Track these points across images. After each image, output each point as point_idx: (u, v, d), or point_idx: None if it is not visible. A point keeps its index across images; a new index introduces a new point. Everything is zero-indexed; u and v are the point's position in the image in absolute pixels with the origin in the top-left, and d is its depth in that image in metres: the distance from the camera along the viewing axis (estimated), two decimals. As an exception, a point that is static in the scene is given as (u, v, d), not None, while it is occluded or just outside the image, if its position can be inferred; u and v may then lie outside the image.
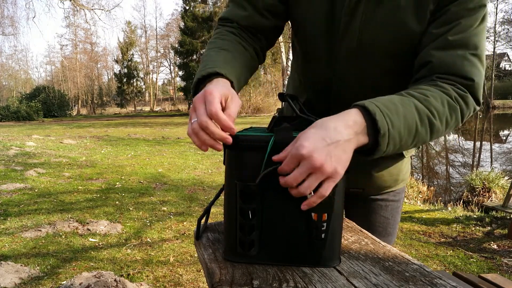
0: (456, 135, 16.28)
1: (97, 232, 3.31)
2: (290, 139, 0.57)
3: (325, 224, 0.59)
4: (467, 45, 0.66)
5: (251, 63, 0.81)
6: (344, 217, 0.90)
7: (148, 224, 3.57)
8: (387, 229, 1.02)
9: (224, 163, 0.63)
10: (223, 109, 0.59)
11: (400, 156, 0.94)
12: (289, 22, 0.90)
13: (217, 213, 3.55)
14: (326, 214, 0.59)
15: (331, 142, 0.53)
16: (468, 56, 0.65)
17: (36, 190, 4.67)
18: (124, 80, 36.28)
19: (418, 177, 7.80)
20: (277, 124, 0.63)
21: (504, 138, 15.00)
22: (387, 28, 0.72)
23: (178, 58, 31.34)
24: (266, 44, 0.87)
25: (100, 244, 3.07)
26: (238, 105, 0.62)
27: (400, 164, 0.95)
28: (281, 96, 0.73)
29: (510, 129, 18.58)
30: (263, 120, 18.78)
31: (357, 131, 0.56)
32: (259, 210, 0.60)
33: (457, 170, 9.03)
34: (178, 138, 11.37)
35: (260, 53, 0.86)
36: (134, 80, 37.06)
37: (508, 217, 4.19)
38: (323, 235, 0.60)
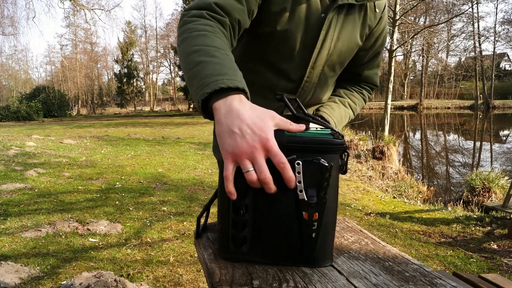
0: (456, 135, 16.28)
1: (97, 232, 3.31)
2: (282, 138, 0.57)
3: (316, 223, 0.59)
4: (378, 66, 1.11)
5: None
6: (344, 217, 0.90)
7: (148, 224, 3.57)
8: None
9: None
10: None
11: None
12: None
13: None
14: (317, 214, 0.59)
15: None
16: (377, 72, 1.12)
17: (36, 190, 4.67)
18: (124, 80, 36.27)
19: (418, 177, 7.80)
20: None
21: (504, 138, 15.00)
22: (348, 41, 0.95)
23: (178, 58, 31.28)
24: (234, 44, 0.85)
25: (100, 244, 3.07)
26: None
27: None
28: (279, 97, 0.72)
29: (510, 129, 18.57)
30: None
31: None
32: (251, 206, 0.60)
33: (457, 170, 9.03)
34: (178, 138, 11.36)
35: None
36: (134, 80, 37.06)
37: (508, 217, 4.19)
38: (313, 235, 0.60)
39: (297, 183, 0.56)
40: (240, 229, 0.61)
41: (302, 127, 0.59)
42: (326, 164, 0.57)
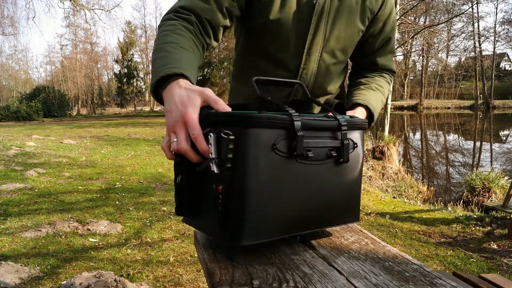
0: (456, 135, 16.28)
1: (97, 232, 3.31)
2: (207, 113, 0.61)
3: (221, 196, 0.59)
4: (392, 52, 1.09)
5: (199, 63, 0.86)
6: None
7: (148, 224, 3.57)
8: None
9: None
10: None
11: None
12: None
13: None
14: (221, 187, 0.59)
15: None
16: (392, 58, 1.11)
17: (36, 190, 4.67)
18: (124, 80, 36.26)
19: (418, 177, 7.80)
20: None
21: (504, 138, 15.00)
22: (346, 26, 0.94)
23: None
24: (211, 42, 0.89)
25: (100, 244, 3.07)
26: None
27: None
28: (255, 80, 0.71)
29: (510, 129, 18.57)
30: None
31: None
32: (185, 176, 0.65)
33: (457, 170, 9.03)
34: (178, 138, 11.36)
35: (205, 50, 0.90)
36: (134, 80, 37.05)
37: (508, 217, 4.19)
38: (219, 208, 0.59)
39: (210, 154, 0.58)
40: (176, 195, 0.67)
41: (226, 108, 0.62)
42: (225, 136, 0.57)
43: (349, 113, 0.92)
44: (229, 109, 0.62)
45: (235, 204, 0.59)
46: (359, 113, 0.93)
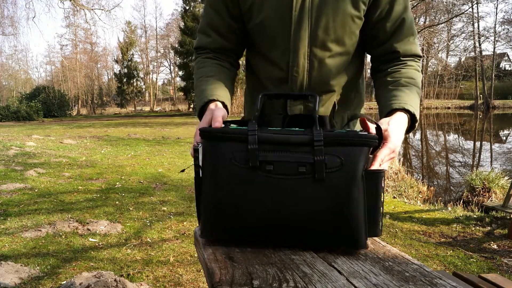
0: (456, 135, 16.28)
1: (97, 232, 3.31)
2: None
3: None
4: (412, 34, 0.94)
5: (231, 74, 1.01)
6: None
7: (148, 224, 3.57)
8: None
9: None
10: None
11: None
12: None
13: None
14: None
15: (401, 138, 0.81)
16: (415, 41, 0.95)
17: (36, 190, 4.67)
18: (124, 80, 36.26)
19: (418, 177, 7.80)
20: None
21: (504, 138, 14.99)
22: (334, 14, 0.88)
23: (178, 58, 31.33)
24: (236, 57, 1.05)
25: (100, 244, 3.07)
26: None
27: None
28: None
29: (510, 129, 18.57)
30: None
31: (406, 126, 0.85)
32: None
33: (457, 170, 9.02)
34: (178, 138, 11.37)
35: (236, 63, 1.06)
36: (134, 80, 37.06)
37: (508, 217, 4.19)
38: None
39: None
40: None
41: (217, 125, 0.74)
42: (196, 148, 0.73)
43: (386, 120, 0.81)
44: (219, 125, 0.74)
45: (198, 203, 0.73)
46: (399, 119, 0.82)
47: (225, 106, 0.88)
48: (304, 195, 0.65)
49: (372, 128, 0.74)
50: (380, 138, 0.69)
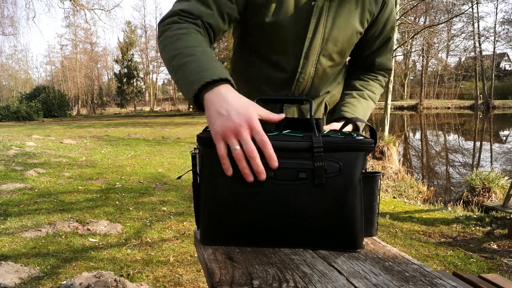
0: (456, 135, 16.28)
1: (97, 232, 3.31)
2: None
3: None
4: (391, 50, 1.06)
5: None
6: None
7: (148, 224, 3.57)
8: None
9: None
10: None
11: None
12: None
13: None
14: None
15: None
16: (391, 57, 1.07)
17: (36, 190, 4.67)
18: (124, 80, 36.27)
19: (418, 177, 7.80)
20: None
21: (504, 138, 14.99)
22: (344, 29, 0.91)
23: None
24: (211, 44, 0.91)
25: (100, 244, 3.07)
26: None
27: None
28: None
29: (510, 129, 18.57)
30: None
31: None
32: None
33: (457, 170, 9.02)
34: (178, 138, 11.37)
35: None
36: (134, 80, 37.06)
37: (508, 217, 4.19)
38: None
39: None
40: None
41: (281, 115, 0.67)
42: (193, 153, 0.70)
43: (334, 125, 0.93)
44: (283, 116, 0.68)
45: (196, 208, 0.72)
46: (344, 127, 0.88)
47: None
48: (304, 199, 0.66)
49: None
50: (375, 141, 0.69)
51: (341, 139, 0.66)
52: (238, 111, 0.62)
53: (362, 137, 0.68)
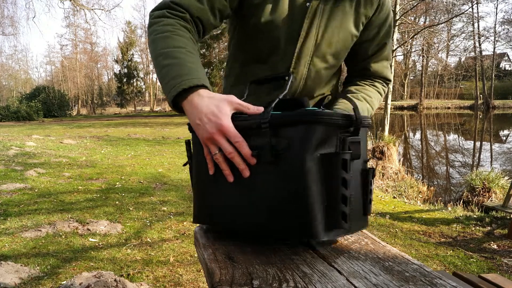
0: (456, 135, 16.28)
1: (97, 232, 3.31)
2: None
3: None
4: (387, 59, 1.04)
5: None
6: None
7: (148, 224, 3.57)
8: None
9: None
10: None
11: None
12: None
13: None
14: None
15: None
16: (388, 66, 1.06)
17: (36, 190, 4.67)
18: (124, 80, 36.25)
19: (418, 177, 7.80)
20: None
21: (504, 138, 14.99)
22: (339, 31, 0.92)
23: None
24: (199, 40, 0.90)
25: (100, 244, 3.07)
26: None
27: None
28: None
29: (510, 129, 18.57)
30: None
31: None
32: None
33: (457, 170, 9.02)
34: (178, 138, 11.37)
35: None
36: (134, 80, 37.04)
37: (508, 217, 4.19)
38: None
39: None
40: None
41: (260, 109, 0.66)
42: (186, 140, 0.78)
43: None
44: (262, 109, 0.66)
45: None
46: None
47: None
48: (263, 179, 0.64)
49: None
50: (357, 121, 0.63)
51: (292, 113, 0.61)
52: (209, 119, 0.65)
53: (320, 109, 0.61)
